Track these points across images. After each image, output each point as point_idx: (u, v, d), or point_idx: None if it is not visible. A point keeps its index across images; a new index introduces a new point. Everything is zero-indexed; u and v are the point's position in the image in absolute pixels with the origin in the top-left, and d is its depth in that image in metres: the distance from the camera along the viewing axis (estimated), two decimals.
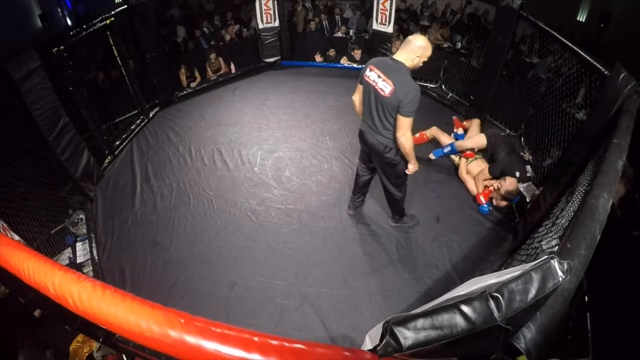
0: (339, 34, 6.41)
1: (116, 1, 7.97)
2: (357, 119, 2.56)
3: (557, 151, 3.21)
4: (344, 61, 5.77)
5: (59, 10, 8.53)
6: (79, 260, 2.92)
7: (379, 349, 0.86)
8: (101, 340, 1.20)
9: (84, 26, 3.56)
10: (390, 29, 5.06)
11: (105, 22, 3.75)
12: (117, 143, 4.12)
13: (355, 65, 5.59)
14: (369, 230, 3.07)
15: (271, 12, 5.36)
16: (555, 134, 3.23)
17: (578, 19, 7.79)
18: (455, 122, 4.21)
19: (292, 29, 6.16)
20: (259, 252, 2.92)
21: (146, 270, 2.83)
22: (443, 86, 5.26)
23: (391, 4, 4.87)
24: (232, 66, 5.68)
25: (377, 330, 0.99)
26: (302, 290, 2.63)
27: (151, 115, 4.71)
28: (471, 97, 4.48)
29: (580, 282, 1.49)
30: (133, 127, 4.42)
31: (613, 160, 1.48)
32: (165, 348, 0.94)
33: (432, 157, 3.72)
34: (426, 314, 0.87)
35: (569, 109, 3.55)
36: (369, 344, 1.08)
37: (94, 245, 3.03)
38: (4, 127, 2.84)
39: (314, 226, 3.12)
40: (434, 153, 3.72)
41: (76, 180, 3.30)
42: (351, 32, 6.55)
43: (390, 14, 4.94)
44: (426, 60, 2.22)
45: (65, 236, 3.07)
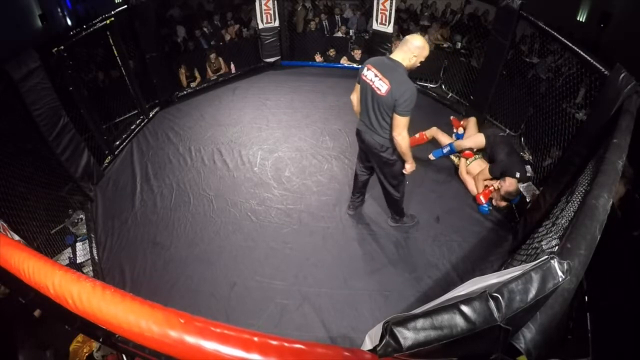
0: (339, 34, 6.40)
1: (116, 1, 7.96)
2: (357, 119, 2.56)
3: (557, 151, 3.21)
4: (344, 61, 5.77)
5: (59, 10, 8.53)
6: (79, 260, 2.92)
7: (378, 349, 0.86)
8: (101, 340, 1.20)
9: (84, 26, 3.56)
10: (390, 29, 5.06)
11: (105, 22, 3.75)
12: (117, 143, 4.12)
13: (355, 65, 5.58)
14: (369, 230, 3.07)
15: (271, 12, 5.36)
16: (555, 134, 3.23)
17: (578, 19, 7.79)
18: (454, 121, 4.21)
19: (292, 29, 6.16)
20: (259, 252, 2.92)
21: (146, 270, 2.83)
22: (443, 86, 5.26)
23: (391, 4, 4.87)
24: (232, 66, 5.68)
25: (377, 331, 0.99)
26: (302, 290, 2.63)
27: (151, 115, 4.71)
28: (471, 97, 4.48)
29: (580, 282, 1.49)
30: (133, 127, 4.42)
31: (613, 160, 1.48)
32: (165, 348, 0.95)
33: (432, 157, 3.72)
34: (426, 314, 0.87)
35: (569, 109, 3.55)
36: (368, 344, 1.08)
37: (94, 245, 3.03)
38: (4, 127, 2.84)
39: (314, 226, 3.12)
40: (434, 154, 3.72)
41: (76, 180, 3.30)
42: (351, 32, 6.55)
43: (390, 14, 4.94)
44: (423, 60, 2.22)
45: (65, 236, 3.07)
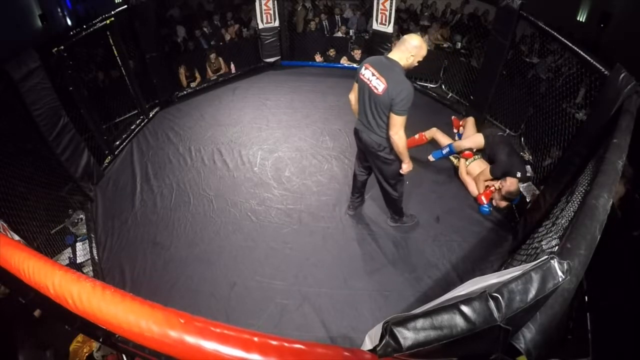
0: (339, 34, 6.40)
1: (116, 1, 7.96)
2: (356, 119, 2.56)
3: (557, 151, 3.20)
4: (344, 61, 5.78)
5: (59, 10, 8.53)
6: (79, 260, 2.92)
7: (378, 349, 0.86)
8: (101, 340, 1.20)
9: (84, 26, 3.56)
10: (390, 29, 5.06)
11: (105, 22, 3.75)
12: (117, 143, 4.12)
13: (355, 65, 5.58)
14: (368, 231, 3.07)
15: (271, 12, 5.36)
16: (555, 134, 3.23)
17: (578, 19, 7.78)
18: (454, 121, 4.22)
19: (292, 29, 6.16)
20: (259, 252, 2.92)
21: (146, 270, 2.83)
22: (443, 86, 5.26)
23: (391, 4, 4.87)
24: (232, 66, 5.68)
25: (377, 331, 0.99)
26: (302, 290, 2.63)
27: (151, 115, 4.71)
28: (471, 97, 4.48)
29: (580, 282, 1.49)
30: (133, 127, 4.42)
31: (613, 160, 1.48)
32: (165, 348, 0.95)
33: (431, 158, 3.72)
34: (426, 314, 0.87)
35: (569, 109, 3.55)
36: (368, 344, 1.08)
37: (94, 245, 3.03)
38: (4, 127, 2.84)
39: (314, 226, 3.12)
40: (433, 155, 3.71)
41: (76, 180, 3.30)
42: (351, 32, 6.55)
43: (390, 14, 4.94)
44: (421, 60, 2.23)
45: (65, 236, 3.07)
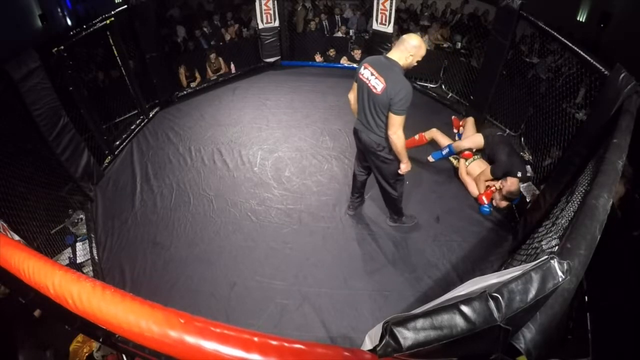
0: (339, 34, 6.40)
1: (116, 1, 7.96)
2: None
3: (557, 151, 3.20)
4: (344, 61, 5.78)
5: (59, 10, 8.52)
6: (79, 260, 2.92)
7: (378, 349, 0.86)
8: (101, 340, 1.20)
9: (84, 26, 3.56)
10: (390, 29, 5.06)
11: (105, 22, 3.75)
12: (117, 143, 4.12)
13: (355, 65, 5.58)
14: (368, 231, 3.07)
15: (271, 12, 5.36)
16: (555, 134, 3.23)
17: (578, 19, 7.78)
18: (454, 121, 4.22)
19: (292, 29, 6.16)
20: (259, 252, 2.91)
21: (146, 270, 2.83)
22: (443, 86, 5.26)
23: (391, 4, 4.87)
24: (232, 66, 5.68)
25: (377, 331, 0.99)
26: (302, 290, 2.63)
27: (151, 115, 4.71)
28: (471, 97, 4.48)
29: (580, 282, 1.49)
30: (133, 127, 4.42)
31: (613, 160, 1.48)
32: (165, 348, 0.95)
33: (431, 159, 3.71)
34: (426, 314, 0.87)
35: (569, 109, 3.55)
36: (368, 344, 1.08)
37: (94, 245, 3.03)
38: (4, 127, 2.84)
39: (314, 226, 3.12)
40: (433, 156, 3.71)
41: (76, 180, 3.30)
42: (351, 32, 6.55)
43: (390, 14, 4.94)
44: (420, 59, 2.22)
45: (65, 236, 3.07)
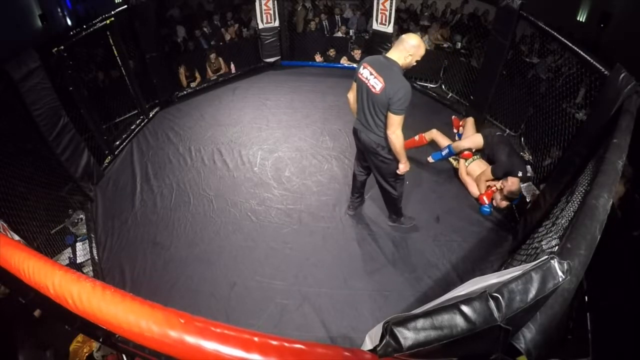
0: (339, 34, 6.41)
1: (116, 1, 7.96)
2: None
3: (557, 151, 3.20)
4: (344, 61, 5.78)
5: (59, 10, 8.52)
6: (79, 260, 2.92)
7: (379, 349, 0.86)
8: (101, 340, 1.20)
9: (84, 26, 3.56)
10: (390, 29, 5.06)
11: (105, 22, 3.75)
12: (117, 143, 4.12)
13: (355, 66, 5.58)
14: (368, 231, 3.07)
15: (271, 12, 5.36)
16: (555, 134, 3.23)
17: (578, 19, 7.79)
18: (454, 121, 4.22)
19: (292, 29, 6.16)
20: (259, 252, 2.91)
21: (146, 270, 2.82)
22: (443, 86, 5.26)
23: (391, 4, 4.87)
24: (232, 66, 5.68)
25: (377, 331, 0.98)
26: (302, 290, 2.63)
27: (151, 115, 4.71)
28: (471, 97, 4.48)
29: (580, 282, 1.49)
30: (133, 127, 4.42)
31: (613, 160, 1.48)
32: (165, 348, 0.94)
33: (431, 160, 3.71)
34: (426, 314, 0.87)
35: (569, 109, 3.55)
36: (369, 344, 1.08)
37: (94, 245, 3.03)
38: (4, 127, 2.84)
39: (314, 226, 3.12)
40: (433, 156, 3.71)
41: (76, 180, 3.30)
42: (351, 32, 6.55)
43: (390, 14, 4.94)
44: (419, 59, 2.22)
45: (65, 236, 3.07)
